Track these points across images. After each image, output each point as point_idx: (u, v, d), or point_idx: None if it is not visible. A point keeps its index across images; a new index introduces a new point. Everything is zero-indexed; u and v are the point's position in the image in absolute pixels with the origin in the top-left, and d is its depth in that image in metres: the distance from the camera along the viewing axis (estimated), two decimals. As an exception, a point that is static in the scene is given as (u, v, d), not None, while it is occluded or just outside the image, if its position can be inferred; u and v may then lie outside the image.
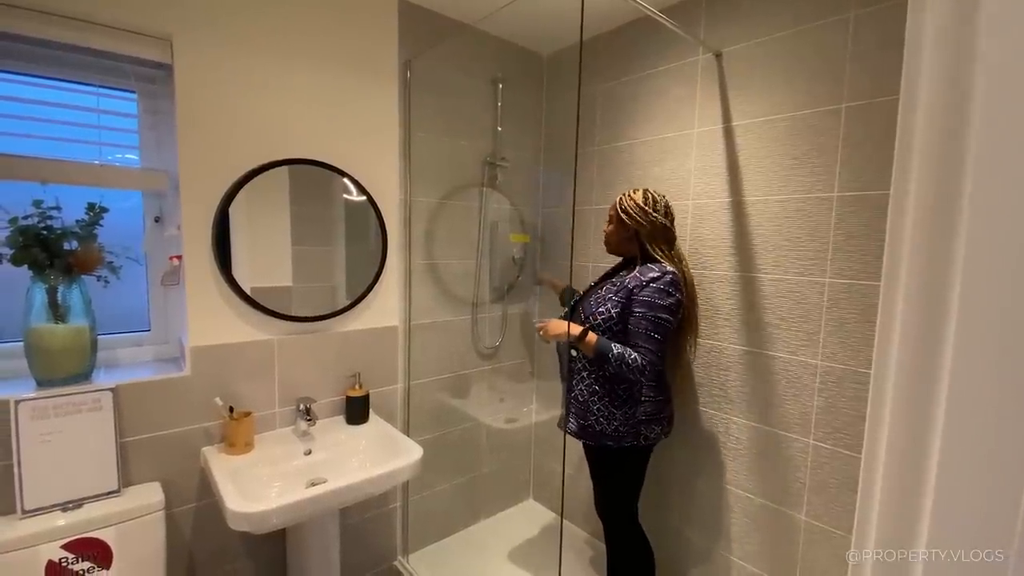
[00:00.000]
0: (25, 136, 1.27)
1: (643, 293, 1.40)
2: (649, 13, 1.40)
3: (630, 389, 1.47)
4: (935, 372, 0.42)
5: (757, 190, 1.49)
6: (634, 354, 1.37)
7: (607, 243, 1.57)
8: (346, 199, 1.61)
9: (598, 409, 1.47)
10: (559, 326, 1.45)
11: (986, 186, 0.38)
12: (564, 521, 2.14)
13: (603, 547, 1.79)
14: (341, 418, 1.63)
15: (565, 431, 1.55)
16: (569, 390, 1.54)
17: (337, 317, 1.61)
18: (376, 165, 1.66)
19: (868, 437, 0.49)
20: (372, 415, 1.66)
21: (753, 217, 1.51)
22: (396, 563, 1.87)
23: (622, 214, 1.48)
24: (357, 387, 1.63)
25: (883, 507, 0.49)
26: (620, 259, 1.62)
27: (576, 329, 1.41)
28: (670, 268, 1.42)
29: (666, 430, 1.54)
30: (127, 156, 1.41)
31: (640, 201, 1.46)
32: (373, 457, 1.49)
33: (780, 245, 1.45)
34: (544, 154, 2.21)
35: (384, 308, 1.73)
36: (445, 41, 1.78)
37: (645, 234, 1.46)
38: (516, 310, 2.21)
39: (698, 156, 1.64)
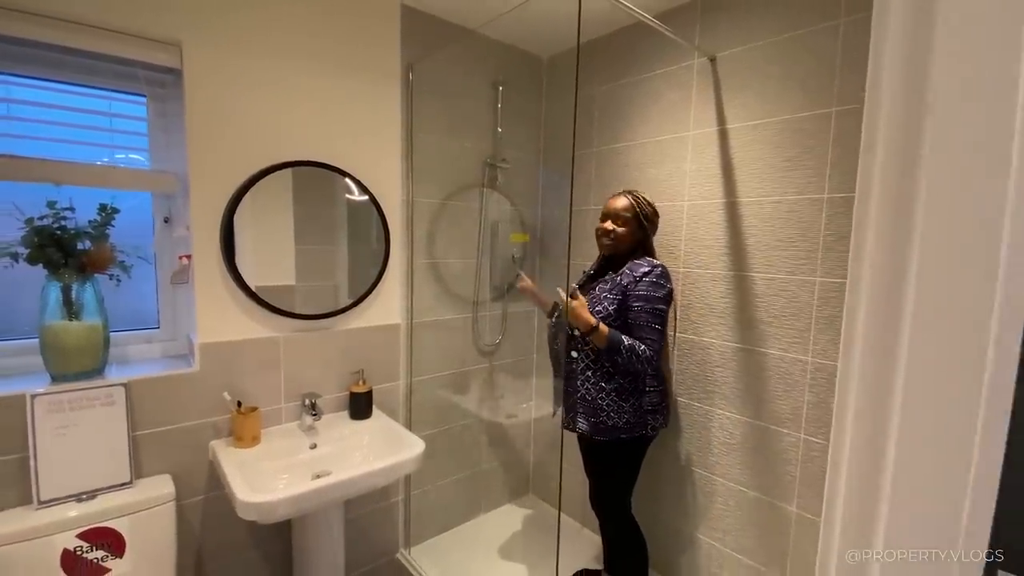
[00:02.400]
0: (40, 139, 1.31)
1: (638, 288, 1.46)
2: (644, 19, 1.43)
3: (635, 381, 1.52)
4: (892, 375, 0.46)
5: (750, 191, 1.53)
6: (642, 345, 1.42)
7: (617, 243, 1.55)
8: (349, 199, 1.65)
9: (607, 404, 1.50)
10: (583, 311, 1.46)
11: (937, 191, 0.42)
12: (562, 515, 2.18)
13: (598, 539, 1.84)
14: (345, 413, 1.68)
15: (576, 432, 1.57)
16: (573, 391, 1.57)
17: (341, 315, 1.65)
18: (379, 166, 1.70)
19: (834, 440, 0.53)
20: (375, 410, 1.70)
21: (746, 218, 1.55)
22: (398, 556, 1.91)
23: (642, 218, 1.53)
24: (361, 383, 1.67)
25: (846, 509, 0.53)
26: (604, 260, 1.64)
27: (592, 319, 1.45)
28: (658, 261, 1.52)
29: (667, 419, 1.62)
30: (137, 158, 1.45)
31: (654, 204, 1.58)
32: (377, 451, 1.53)
33: (773, 245, 1.49)
34: (543, 155, 2.25)
35: (387, 306, 1.77)
36: (447, 45, 1.82)
37: (650, 235, 1.58)
38: (516, 309, 2.25)
39: (693, 158, 1.67)
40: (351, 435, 1.58)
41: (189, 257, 1.41)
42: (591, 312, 1.49)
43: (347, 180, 1.62)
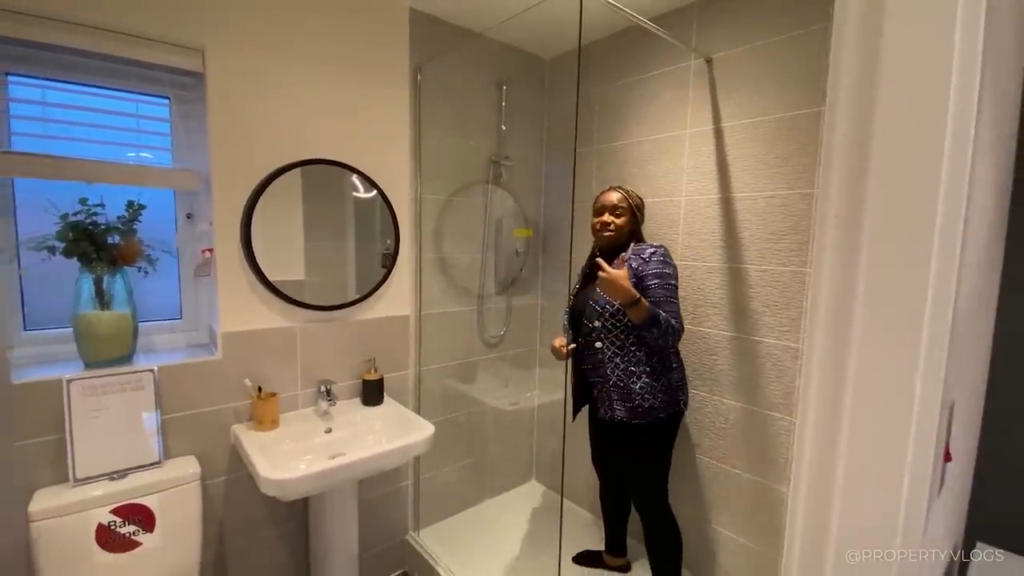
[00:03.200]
0: (72, 140, 1.39)
1: (649, 267, 1.53)
2: (642, 24, 1.50)
3: (661, 359, 1.57)
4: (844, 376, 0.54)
5: (745, 187, 1.60)
6: (673, 318, 1.48)
7: (618, 234, 1.62)
8: (360, 197, 1.72)
9: (640, 387, 1.53)
10: (623, 281, 1.42)
11: (884, 189, 0.49)
12: (566, 501, 2.26)
13: (601, 524, 1.92)
14: (358, 400, 1.76)
15: (614, 420, 1.56)
16: (602, 381, 1.58)
17: (354, 306, 1.73)
18: (389, 164, 1.78)
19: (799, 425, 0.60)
20: (386, 397, 1.78)
21: (741, 212, 1.62)
22: (408, 537, 1.99)
23: (635, 209, 1.65)
24: (372, 371, 1.75)
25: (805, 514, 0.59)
26: (601, 254, 1.65)
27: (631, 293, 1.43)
28: (657, 244, 1.61)
29: (687, 396, 1.67)
30: (161, 157, 1.53)
31: (640, 196, 1.70)
32: (389, 435, 1.61)
33: (765, 238, 1.56)
34: (546, 153, 2.32)
35: (397, 298, 1.85)
36: (453, 47, 1.89)
37: (640, 225, 1.69)
38: (519, 302, 2.33)
39: (690, 155, 1.75)
40: (364, 420, 1.67)
41: (211, 251, 1.49)
42: (608, 302, 1.53)
43: (358, 178, 1.69)
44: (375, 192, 1.74)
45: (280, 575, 1.67)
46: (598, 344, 1.58)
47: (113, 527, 1.26)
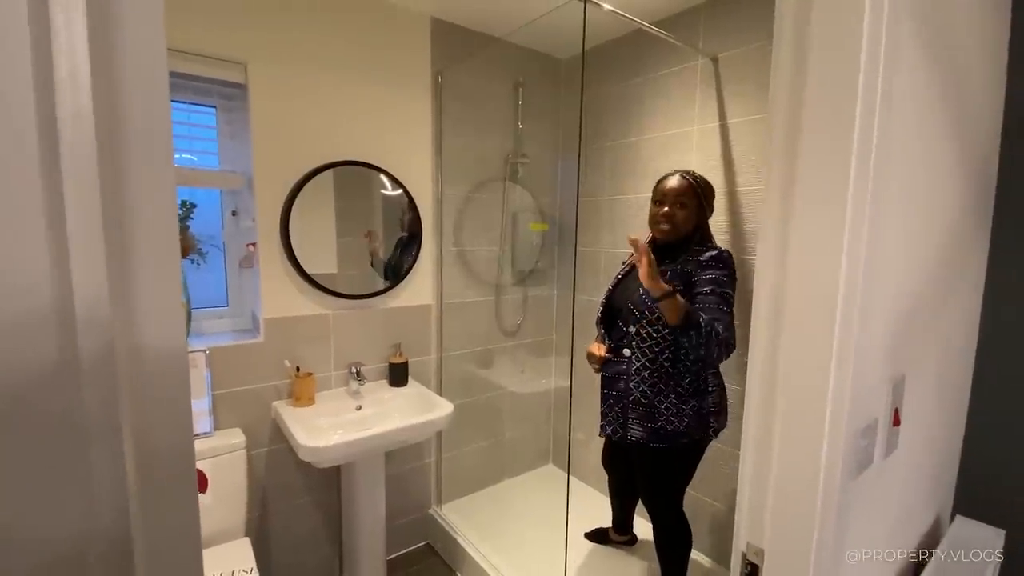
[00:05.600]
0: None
1: (706, 273, 1.34)
2: (645, 28, 1.59)
3: (696, 381, 1.39)
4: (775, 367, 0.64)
5: (749, 180, 1.67)
6: (720, 325, 1.26)
7: (676, 227, 1.42)
8: (387, 195, 1.87)
9: (666, 408, 1.38)
10: (654, 269, 1.23)
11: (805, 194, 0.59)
12: (579, 482, 2.37)
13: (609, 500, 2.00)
14: (385, 381, 1.91)
15: (627, 441, 1.44)
16: (623, 394, 1.44)
17: (381, 295, 1.88)
18: (413, 164, 1.92)
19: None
20: (411, 380, 1.93)
21: (745, 204, 1.69)
22: (431, 511, 2.14)
23: (702, 199, 1.43)
24: (398, 355, 1.90)
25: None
26: (657, 248, 1.48)
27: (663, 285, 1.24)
28: (723, 247, 1.42)
29: (727, 418, 1.49)
30: (208, 160, 1.70)
31: (709, 182, 1.47)
32: (413, 412, 1.76)
33: (767, 230, 1.63)
34: (562, 151, 2.42)
35: (420, 289, 2.00)
36: (472, 52, 2.01)
37: (707, 218, 1.47)
38: (536, 293, 2.45)
39: (698, 151, 1.82)
40: (391, 399, 1.82)
41: (254, 245, 1.66)
42: (648, 304, 1.36)
43: (385, 177, 1.84)
44: (400, 190, 1.88)
45: (315, 537, 1.84)
46: (626, 352, 1.43)
47: (173, 487, 1.44)
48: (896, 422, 0.76)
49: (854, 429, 0.64)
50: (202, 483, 1.49)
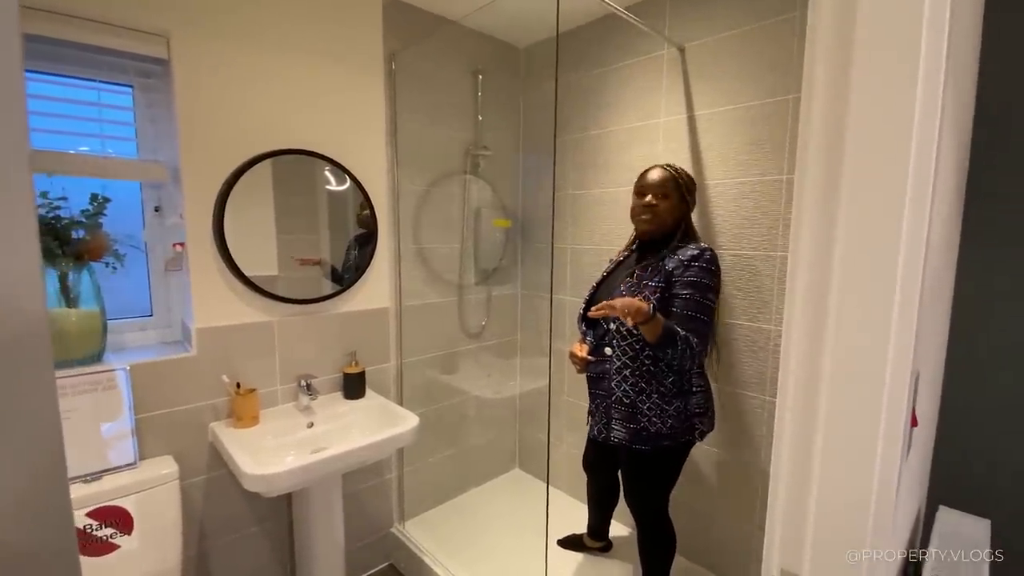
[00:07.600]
0: (31, 130, 1.32)
1: (687, 274, 1.32)
2: (616, 11, 1.51)
3: (679, 381, 1.37)
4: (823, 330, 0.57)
5: (717, 174, 1.64)
6: (694, 338, 1.27)
7: (657, 220, 1.42)
8: (335, 188, 1.69)
9: (648, 408, 1.36)
10: (632, 302, 1.24)
11: (859, 176, 0.52)
12: (549, 487, 2.29)
13: (584, 508, 1.94)
14: (339, 394, 1.74)
15: (610, 442, 1.42)
16: (604, 394, 1.43)
17: (332, 299, 1.71)
18: (364, 153, 1.76)
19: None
20: (368, 391, 1.77)
21: (714, 199, 1.66)
22: (393, 530, 1.99)
23: (684, 191, 1.41)
24: (354, 364, 1.73)
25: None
26: (639, 244, 1.53)
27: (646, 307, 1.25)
28: (705, 245, 1.40)
29: (713, 421, 1.48)
30: (124, 148, 1.47)
31: (691, 175, 1.45)
32: (373, 427, 1.61)
33: (738, 223, 1.61)
34: (523, 142, 2.33)
35: (376, 291, 1.84)
36: (427, 35, 1.87)
37: (690, 212, 1.46)
38: (499, 292, 2.34)
39: (665, 143, 1.78)
40: (346, 413, 1.65)
41: (183, 245, 1.45)
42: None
43: (333, 168, 1.66)
44: (350, 183, 1.71)
45: (265, 571, 1.65)
46: (608, 350, 1.42)
47: (89, 530, 1.23)
48: (914, 423, 0.72)
49: (902, 435, 0.57)
50: (126, 523, 1.28)
